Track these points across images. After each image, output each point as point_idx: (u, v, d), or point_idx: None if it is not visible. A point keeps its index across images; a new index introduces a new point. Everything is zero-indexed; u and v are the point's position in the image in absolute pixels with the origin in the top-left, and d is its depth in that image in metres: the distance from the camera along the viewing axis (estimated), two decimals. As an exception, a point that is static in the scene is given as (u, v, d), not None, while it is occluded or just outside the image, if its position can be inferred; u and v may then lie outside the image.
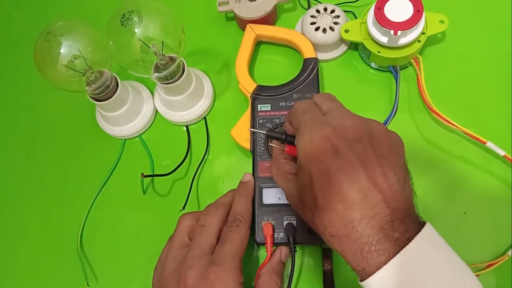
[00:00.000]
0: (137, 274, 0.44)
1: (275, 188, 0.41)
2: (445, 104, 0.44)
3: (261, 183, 0.41)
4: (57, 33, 0.40)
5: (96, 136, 0.50)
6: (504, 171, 0.42)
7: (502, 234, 0.40)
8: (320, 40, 0.47)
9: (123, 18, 0.39)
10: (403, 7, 0.42)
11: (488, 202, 0.41)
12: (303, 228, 0.39)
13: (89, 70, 0.42)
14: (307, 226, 0.39)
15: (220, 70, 0.52)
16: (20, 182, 0.51)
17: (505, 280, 0.39)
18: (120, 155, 0.49)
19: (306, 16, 0.48)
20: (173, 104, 0.47)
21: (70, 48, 0.41)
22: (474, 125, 0.42)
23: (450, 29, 0.44)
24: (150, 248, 0.45)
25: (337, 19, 0.47)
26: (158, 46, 0.40)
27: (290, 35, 0.49)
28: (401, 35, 0.42)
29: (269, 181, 0.41)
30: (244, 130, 0.44)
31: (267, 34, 0.49)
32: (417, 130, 0.45)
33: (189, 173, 0.47)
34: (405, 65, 0.47)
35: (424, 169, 0.43)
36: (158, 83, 0.44)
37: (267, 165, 0.42)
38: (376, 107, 0.46)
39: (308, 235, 0.39)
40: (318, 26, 0.47)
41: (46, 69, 0.41)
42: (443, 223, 0.41)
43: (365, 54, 0.47)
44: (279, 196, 0.41)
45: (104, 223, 0.47)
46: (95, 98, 0.45)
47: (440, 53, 0.48)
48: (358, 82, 0.48)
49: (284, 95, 0.45)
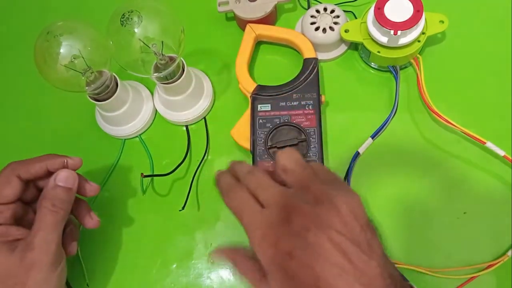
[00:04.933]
0: (137, 274, 0.44)
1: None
2: (445, 104, 0.44)
3: None
4: (57, 33, 0.40)
5: (95, 136, 0.50)
6: (504, 171, 0.42)
7: (502, 234, 0.40)
8: (320, 40, 0.47)
9: (123, 18, 0.39)
10: (403, 7, 0.42)
11: (488, 202, 0.41)
12: None
13: (89, 70, 0.42)
14: None
15: (220, 70, 0.52)
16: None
17: (505, 281, 0.39)
18: (120, 155, 0.49)
19: (306, 16, 0.48)
20: (173, 104, 0.47)
21: (70, 48, 0.40)
22: (474, 125, 0.42)
23: (450, 29, 0.44)
24: (150, 248, 0.45)
25: (337, 19, 0.47)
26: (158, 46, 0.40)
27: (290, 35, 0.49)
28: (401, 35, 0.42)
29: None
30: (244, 130, 0.44)
31: (267, 34, 0.49)
32: (417, 130, 0.45)
33: (189, 173, 0.47)
34: (405, 65, 0.47)
35: (424, 169, 0.43)
36: (158, 83, 0.44)
37: (267, 165, 0.42)
38: (376, 107, 0.46)
39: None
40: (318, 26, 0.47)
41: (46, 69, 0.41)
42: (443, 223, 0.41)
43: (365, 54, 0.47)
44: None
45: (104, 223, 0.47)
46: (95, 98, 0.45)
47: (440, 53, 0.48)
48: (358, 82, 0.48)
49: (284, 95, 0.45)
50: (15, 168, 0.36)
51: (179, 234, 0.45)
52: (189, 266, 0.44)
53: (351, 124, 0.46)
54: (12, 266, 0.33)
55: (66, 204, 0.36)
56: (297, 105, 0.44)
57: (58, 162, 0.37)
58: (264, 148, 0.43)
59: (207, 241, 0.44)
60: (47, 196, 0.35)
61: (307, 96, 0.44)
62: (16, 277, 0.33)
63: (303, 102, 0.44)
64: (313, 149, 0.42)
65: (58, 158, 0.37)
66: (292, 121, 0.43)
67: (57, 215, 0.35)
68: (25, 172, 0.36)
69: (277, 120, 0.44)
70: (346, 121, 0.46)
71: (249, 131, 0.44)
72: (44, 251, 0.34)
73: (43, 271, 0.34)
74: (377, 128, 0.45)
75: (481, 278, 0.38)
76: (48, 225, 0.34)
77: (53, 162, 0.37)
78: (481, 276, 0.38)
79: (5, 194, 0.35)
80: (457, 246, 0.40)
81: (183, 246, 0.44)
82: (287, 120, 0.44)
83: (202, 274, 0.43)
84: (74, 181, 0.37)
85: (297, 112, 0.44)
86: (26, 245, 0.34)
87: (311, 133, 0.43)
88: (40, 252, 0.34)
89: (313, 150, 0.42)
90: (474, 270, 0.39)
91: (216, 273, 0.43)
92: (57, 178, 0.36)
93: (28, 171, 0.36)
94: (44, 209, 0.35)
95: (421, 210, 0.42)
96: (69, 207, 0.37)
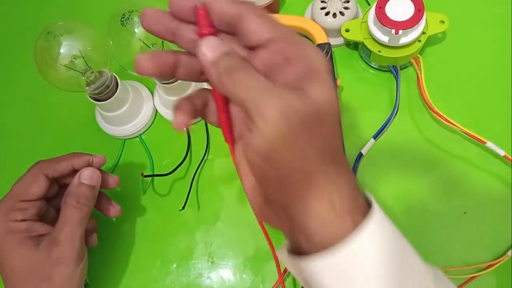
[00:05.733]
0: (137, 274, 0.44)
1: None
2: (445, 104, 0.44)
3: None
4: (57, 33, 0.40)
5: (96, 136, 0.50)
6: (504, 171, 0.42)
7: (502, 234, 0.40)
8: (330, 25, 0.47)
9: (123, 18, 0.39)
10: (404, 7, 0.42)
11: (488, 202, 0.41)
12: None
13: (89, 70, 0.42)
14: None
15: (220, 70, 0.52)
16: (20, 182, 0.51)
17: (505, 281, 0.39)
18: (120, 155, 0.49)
19: (316, 1, 0.48)
20: (173, 104, 0.47)
21: (70, 48, 0.40)
22: (474, 125, 0.42)
23: (450, 29, 0.44)
24: (150, 248, 0.45)
25: (347, 3, 0.47)
26: (158, 46, 0.40)
27: (302, 22, 0.49)
28: (402, 34, 0.42)
29: None
30: None
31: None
32: (417, 130, 0.45)
33: (189, 173, 0.47)
34: (405, 65, 0.47)
35: (424, 169, 0.43)
36: (158, 83, 0.44)
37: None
38: (376, 107, 0.46)
39: None
40: (328, 11, 0.47)
41: (46, 69, 0.41)
42: (443, 223, 0.41)
43: (365, 53, 0.47)
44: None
45: (104, 223, 0.47)
46: (95, 98, 0.44)
47: (441, 53, 0.48)
48: (358, 82, 0.48)
49: None
50: (43, 167, 0.37)
51: (179, 234, 0.45)
52: (189, 266, 0.44)
53: (351, 124, 0.46)
54: (38, 261, 0.34)
55: (90, 201, 0.37)
56: None
57: (83, 161, 0.39)
58: None
59: (207, 241, 0.44)
60: (72, 194, 0.37)
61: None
62: (43, 272, 0.34)
63: None
64: None
65: (83, 157, 0.39)
66: None
67: (82, 212, 0.36)
68: (52, 171, 0.37)
69: None
70: (347, 121, 0.46)
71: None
72: (70, 247, 0.35)
73: (68, 266, 0.35)
74: (378, 129, 0.45)
75: (481, 278, 0.39)
76: (74, 221, 0.36)
77: (78, 160, 0.38)
78: (481, 276, 0.38)
79: (32, 191, 0.36)
80: (457, 246, 0.40)
81: (183, 246, 0.44)
82: None
83: (202, 274, 0.43)
84: (98, 179, 0.38)
85: None
86: (52, 241, 0.35)
87: None
88: (66, 248, 0.35)
89: None
90: (474, 270, 0.39)
91: (216, 273, 0.43)
92: (82, 176, 0.37)
93: (55, 169, 0.38)
94: (70, 206, 0.36)
95: (421, 210, 0.42)
96: (93, 204, 0.38)
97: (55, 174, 0.38)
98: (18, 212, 0.35)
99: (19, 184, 0.37)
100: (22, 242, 0.34)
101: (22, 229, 0.35)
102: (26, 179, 0.37)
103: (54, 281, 0.34)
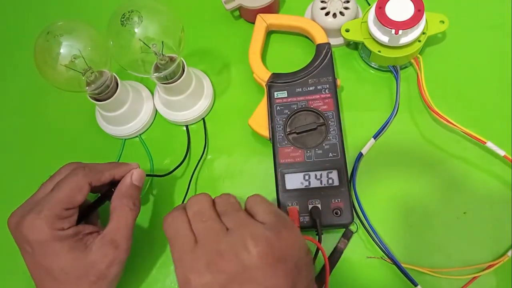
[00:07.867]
0: (136, 274, 0.44)
1: (297, 174, 0.41)
2: (445, 104, 0.44)
3: (283, 169, 0.42)
4: (57, 33, 0.40)
5: (96, 136, 0.50)
6: (504, 171, 0.42)
7: (502, 234, 0.40)
8: (330, 25, 0.47)
9: (123, 18, 0.39)
10: (404, 7, 0.42)
11: (488, 202, 0.41)
12: (329, 211, 0.39)
13: (89, 70, 0.42)
14: (333, 208, 0.39)
15: (220, 70, 0.52)
16: (20, 182, 0.51)
17: (505, 281, 0.39)
18: (120, 155, 0.49)
19: (316, 1, 0.48)
20: (173, 104, 0.47)
21: (70, 48, 0.40)
22: (474, 125, 0.42)
23: (450, 29, 0.44)
24: (150, 248, 0.45)
25: (347, 3, 0.48)
26: (158, 46, 0.40)
27: (302, 22, 0.49)
28: (402, 34, 0.42)
29: (290, 167, 0.42)
30: (261, 119, 0.45)
31: (278, 23, 0.49)
32: (417, 130, 0.45)
33: (187, 173, 0.47)
34: (405, 65, 0.47)
35: (424, 169, 0.43)
36: (158, 83, 0.44)
37: (288, 150, 0.42)
38: (377, 107, 0.46)
39: (334, 216, 0.39)
40: (328, 11, 0.47)
41: (46, 69, 0.41)
42: (443, 223, 0.41)
43: (365, 53, 0.47)
44: (301, 181, 0.41)
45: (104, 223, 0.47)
46: (95, 98, 0.45)
47: (440, 53, 0.48)
48: (358, 82, 0.48)
49: (300, 81, 0.45)
50: (87, 175, 0.37)
51: (179, 234, 0.45)
52: (189, 266, 0.44)
53: (352, 124, 0.46)
54: (92, 262, 0.35)
55: (140, 202, 0.39)
56: (314, 89, 0.44)
57: (123, 171, 0.39)
58: (283, 135, 0.43)
59: (207, 241, 0.44)
60: (129, 196, 0.38)
61: (323, 80, 0.44)
62: (98, 271, 0.35)
63: (319, 87, 0.44)
64: (332, 132, 0.42)
65: (124, 167, 0.40)
66: (310, 106, 0.44)
67: (136, 214, 0.38)
68: (96, 181, 0.38)
69: (295, 106, 0.44)
70: (347, 121, 0.46)
71: (266, 119, 0.44)
72: (126, 248, 0.36)
73: (122, 265, 0.37)
74: (379, 129, 0.45)
75: (481, 278, 0.38)
76: (130, 223, 0.37)
77: (119, 171, 0.39)
78: (481, 276, 0.38)
79: (78, 200, 0.36)
80: (457, 246, 0.40)
81: (183, 246, 0.44)
82: (304, 105, 0.44)
83: (202, 274, 0.43)
84: (144, 180, 0.40)
85: (314, 96, 0.44)
86: (109, 243, 0.36)
87: (329, 116, 0.43)
88: (123, 249, 0.36)
89: (333, 133, 0.42)
90: (474, 270, 0.39)
91: (216, 273, 0.43)
92: (134, 177, 0.39)
93: (100, 180, 0.38)
94: (126, 207, 0.37)
95: (421, 210, 0.42)
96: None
97: (97, 184, 0.38)
98: (65, 221, 0.35)
99: (63, 192, 0.36)
100: (73, 246, 0.35)
101: (71, 235, 0.35)
102: (71, 186, 0.36)
103: (108, 279, 0.36)
